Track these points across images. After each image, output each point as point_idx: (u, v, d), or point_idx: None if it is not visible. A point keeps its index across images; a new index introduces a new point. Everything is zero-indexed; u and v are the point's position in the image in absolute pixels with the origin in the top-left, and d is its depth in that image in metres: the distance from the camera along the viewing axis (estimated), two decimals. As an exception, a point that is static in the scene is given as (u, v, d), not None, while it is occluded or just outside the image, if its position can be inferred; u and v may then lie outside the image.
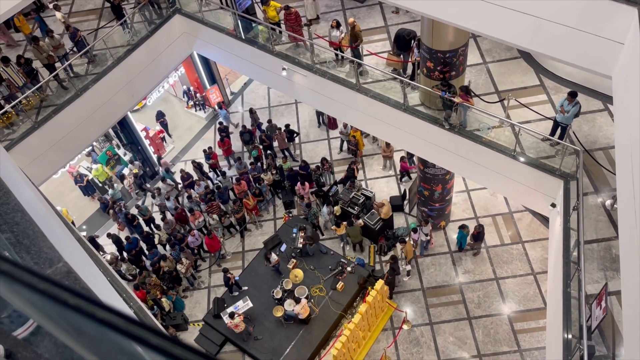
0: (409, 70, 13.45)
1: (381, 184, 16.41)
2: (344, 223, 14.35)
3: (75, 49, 13.85)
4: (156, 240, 15.12)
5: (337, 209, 15.00)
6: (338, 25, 13.28)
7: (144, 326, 0.71)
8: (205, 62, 17.76)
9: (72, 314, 0.74)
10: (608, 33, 6.74)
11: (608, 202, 9.69)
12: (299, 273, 14.11)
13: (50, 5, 16.60)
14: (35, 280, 0.76)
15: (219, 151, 17.36)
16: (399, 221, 15.63)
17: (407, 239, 13.89)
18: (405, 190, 15.71)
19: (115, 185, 16.92)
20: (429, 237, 14.31)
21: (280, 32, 13.79)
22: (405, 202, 15.80)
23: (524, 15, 7.38)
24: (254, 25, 13.96)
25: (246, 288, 14.20)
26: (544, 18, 7.23)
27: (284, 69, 12.95)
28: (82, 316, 0.73)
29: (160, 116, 18.15)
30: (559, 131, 10.51)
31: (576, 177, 9.80)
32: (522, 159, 10.45)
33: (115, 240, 14.94)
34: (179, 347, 0.70)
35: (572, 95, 10.01)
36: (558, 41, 7.34)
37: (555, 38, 7.31)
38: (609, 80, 7.08)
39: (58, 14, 15.06)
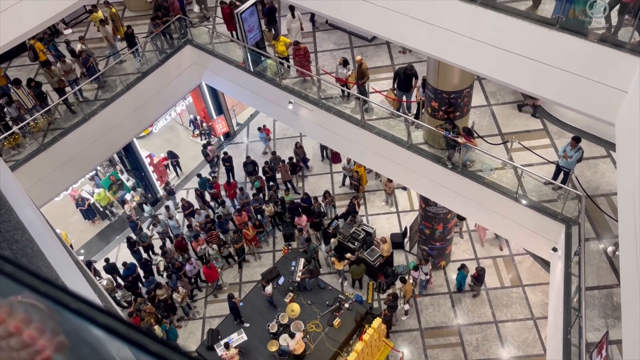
0: (414, 109, 13.59)
1: (382, 221, 16.37)
2: (345, 261, 14.30)
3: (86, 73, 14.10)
4: (161, 267, 15.00)
5: (334, 241, 14.94)
6: (345, 63, 13.50)
7: (145, 333, 0.72)
8: (213, 92, 17.99)
9: (73, 320, 0.73)
10: (611, 81, 6.84)
11: (610, 249, 9.63)
12: (295, 307, 13.92)
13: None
14: (37, 283, 0.75)
15: (217, 184, 17.40)
16: (399, 259, 15.52)
17: (407, 277, 13.77)
18: (406, 228, 15.66)
19: (148, 206, 16.99)
20: (428, 277, 14.18)
21: (289, 66, 14.02)
22: (406, 239, 15.72)
23: (529, 60, 7.51)
24: (263, 58, 14.21)
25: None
26: (547, 64, 7.35)
27: (290, 102, 13.12)
28: (84, 320, 0.72)
29: (172, 156, 18.15)
30: (561, 176, 10.54)
31: (578, 222, 9.77)
32: (524, 202, 10.44)
33: (111, 269, 14.77)
34: (178, 354, 0.70)
35: (576, 141, 10.08)
36: (561, 87, 7.44)
37: (559, 83, 7.41)
38: (611, 127, 7.14)
39: (106, 28, 15.34)
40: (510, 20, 7.50)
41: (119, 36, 15.74)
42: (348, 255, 14.33)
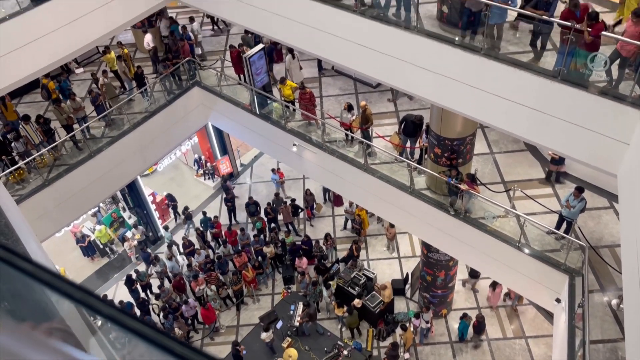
0: (417, 155, 13.69)
1: (383, 266, 16.21)
2: (344, 308, 14.11)
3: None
4: (156, 310, 14.80)
5: (332, 284, 14.76)
6: (350, 108, 13.70)
7: (172, 337, 0.77)
8: (219, 133, 18.21)
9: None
10: (613, 133, 6.91)
11: (614, 302, 9.46)
12: (293, 353, 13.62)
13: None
14: (73, 290, 0.78)
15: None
16: (400, 306, 15.27)
17: (407, 325, 13.52)
18: (407, 274, 15.49)
19: (167, 232, 17.02)
20: (429, 325, 13.91)
21: (294, 110, 14.24)
22: (407, 286, 15.52)
23: (531, 110, 7.62)
24: (269, 101, 14.45)
25: (237, 365, 13.69)
26: (550, 114, 7.45)
27: (294, 145, 13.25)
28: (116, 325, 0.75)
29: (170, 199, 18.11)
30: (564, 225, 10.49)
31: (582, 273, 9.65)
32: (526, 251, 10.35)
33: None
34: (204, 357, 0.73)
35: (579, 191, 10.07)
36: (564, 137, 7.52)
37: (561, 134, 7.49)
38: (614, 178, 7.17)
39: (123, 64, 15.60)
40: (513, 71, 7.66)
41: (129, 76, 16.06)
42: (356, 301, 14.10)
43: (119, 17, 11.94)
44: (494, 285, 13.98)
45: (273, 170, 18.17)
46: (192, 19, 17.27)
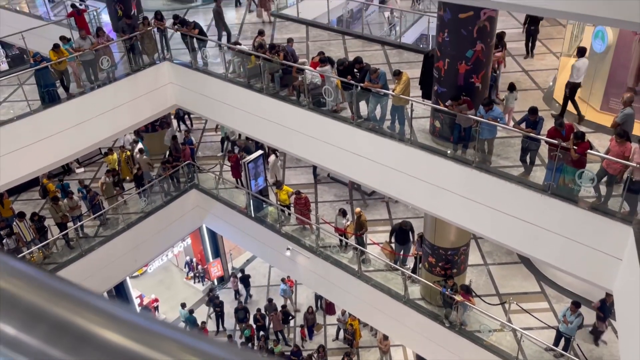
0: (410, 263, 13.59)
1: (377, 381, 15.42)
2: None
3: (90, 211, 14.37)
4: None
5: None
6: (344, 214, 13.83)
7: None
8: (212, 235, 18.17)
9: None
10: (605, 247, 6.96)
11: None
12: None
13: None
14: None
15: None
16: None
17: None
18: (401, 390, 14.70)
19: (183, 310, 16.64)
20: None
21: (289, 214, 14.36)
22: (401, 403, 14.67)
23: (523, 222, 7.73)
24: (264, 205, 14.62)
25: None
26: (541, 227, 7.55)
27: (288, 249, 13.19)
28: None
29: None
30: (562, 342, 10.18)
31: (584, 394, 9.22)
32: (525, 368, 9.96)
33: None
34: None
35: (576, 306, 9.91)
36: (557, 250, 7.56)
37: (554, 247, 7.54)
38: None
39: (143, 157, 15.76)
40: (504, 184, 7.88)
41: (127, 177, 16.33)
42: None
43: (125, 120, 12.44)
44: None
45: (283, 280, 17.61)
46: (168, 124, 17.77)
